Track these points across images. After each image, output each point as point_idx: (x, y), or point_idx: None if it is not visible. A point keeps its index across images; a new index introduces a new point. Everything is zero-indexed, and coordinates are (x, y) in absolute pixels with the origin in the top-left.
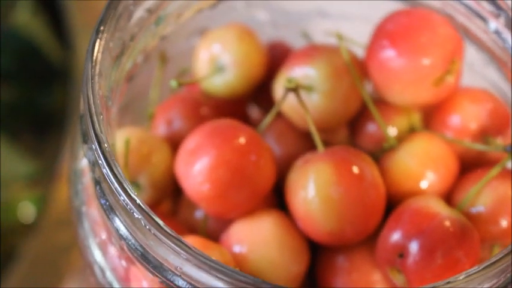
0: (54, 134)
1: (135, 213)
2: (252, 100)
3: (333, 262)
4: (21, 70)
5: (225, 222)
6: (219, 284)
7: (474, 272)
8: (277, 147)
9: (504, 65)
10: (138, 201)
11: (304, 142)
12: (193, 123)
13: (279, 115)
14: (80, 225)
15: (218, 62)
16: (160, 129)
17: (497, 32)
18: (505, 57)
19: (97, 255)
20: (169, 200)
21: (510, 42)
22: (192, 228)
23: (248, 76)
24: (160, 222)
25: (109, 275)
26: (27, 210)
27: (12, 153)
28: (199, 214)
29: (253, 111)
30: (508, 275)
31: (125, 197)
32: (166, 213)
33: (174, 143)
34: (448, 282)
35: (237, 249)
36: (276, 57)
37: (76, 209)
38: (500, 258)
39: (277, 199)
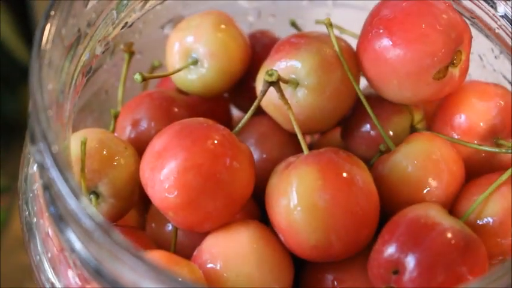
0: (17, 138)
1: (86, 224)
2: (232, 100)
3: (319, 280)
4: None
5: (197, 236)
6: None
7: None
8: (259, 151)
9: None
10: (89, 209)
11: (289, 145)
12: (164, 124)
13: (263, 115)
14: (30, 239)
15: (192, 54)
16: (126, 131)
17: (506, 17)
18: None
19: (48, 272)
20: (136, 211)
21: None
22: (162, 243)
23: (226, 70)
24: (115, 234)
25: None
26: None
27: None
28: (169, 227)
29: (236, 113)
30: None
31: (75, 204)
32: (132, 226)
33: (141, 147)
34: None
35: (210, 265)
36: (259, 49)
37: (26, 220)
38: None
39: (258, 210)
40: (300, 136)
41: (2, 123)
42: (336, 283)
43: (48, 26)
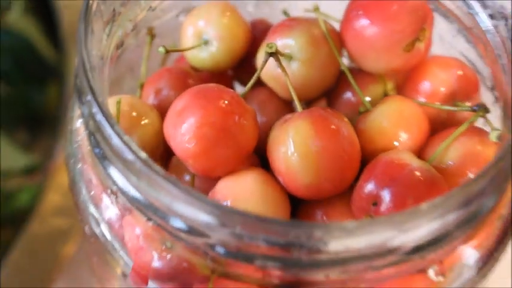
0: (49, 129)
1: (129, 157)
2: (236, 78)
3: (310, 215)
4: (16, 68)
5: (211, 182)
6: (210, 219)
7: (438, 202)
8: (259, 115)
9: (471, 34)
10: (132, 145)
11: (284, 110)
12: (180, 92)
13: (261, 85)
14: (75, 182)
15: (203, 36)
16: (150, 98)
17: (467, 5)
18: (471, 25)
19: (92, 208)
20: (159, 163)
21: (480, 16)
22: None
23: (231, 49)
24: (154, 165)
25: (103, 227)
26: (25, 200)
27: (9, 147)
28: (187, 177)
29: (239, 89)
30: (474, 207)
31: (120, 142)
32: None
33: (162, 111)
34: (412, 212)
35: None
36: (258, 34)
37: (71, 167)
38: (462, 189)
39: (259, 161)
40: (295, 97)
41: (32, 115)
42: (324, 217)
43: (91, 3)
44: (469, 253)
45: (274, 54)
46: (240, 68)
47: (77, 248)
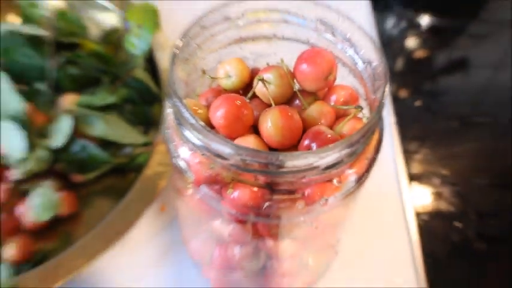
0: (156, 125)
1: (196, 124)
2: (243, 93)
3: None
4: (139, 96)
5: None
6: (231, 151)
7: (337, 143)
8: (255, 110)
9: (356, 74)
10: (197, 119)
11: (266, 107)
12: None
13: (255, 96)
14: (169, 142)
15: (229, 73)
16: (202, 100)
17: (351, 57)
18: (354, 68)
19: (176, 154)
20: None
21: (358, 62)
22: None
23: (241, 80)
24: (205, 126)
25: (181, 160)
26: (143, 159)
27: (136, 133)
28: None
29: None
30: (358, 146)
31: (191, 117)
32: None
33: (208, 106)
34: (325, 149)
35: None
36: (254, 73)
37: (164, 131)
38: (348, 138)
39: (254, 131)
40: (272, 101)
41: (146, 119)
42: None
43: (175, 55)
44: (351, 174)
45: (262, 80)
46: (245, 89)
47: (166, 182)
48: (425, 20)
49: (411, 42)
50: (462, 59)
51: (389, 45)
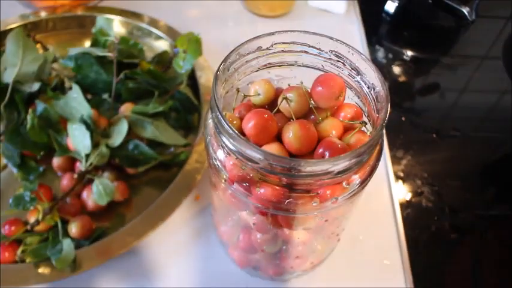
0: (195, 130)
1: (231, 132)
2: (269, 109)
3: None
4: (182, 106)
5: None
6: (260, 156)
7: (348, 154)
8: (278, 122)
9: (361, 95)
10: (232, 128)
11: (288, 120)
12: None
13: (279, 112)
14: (208, 145)
15: (258, 91)
16: (236, 113)
17: (358, 82)
18: (360, 91)
19: (214, 154)
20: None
21: (363, 86)
22: None
23: (268, 98)
24: (239, 134)
25: (217, 162)
26: (183, 157)
27: (178, 136)
28: None
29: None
30: (364, 156)
31: (228, 126)
32: None
33: (241, 118)
34: (337, 158)
35: None
36: (278, 92)
37: (206, 138)
38: (357, 149)
39: (278, 139)
40: (292, 115)
41: (187, 125)
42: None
43: (217, 75)
44: (357, 178)
45: (285, 98)
46: (270, 104)
47: (202, 177)
48: (408, 53)
49: (397, 69)
50: (437, 84)
51: (379, 71)
